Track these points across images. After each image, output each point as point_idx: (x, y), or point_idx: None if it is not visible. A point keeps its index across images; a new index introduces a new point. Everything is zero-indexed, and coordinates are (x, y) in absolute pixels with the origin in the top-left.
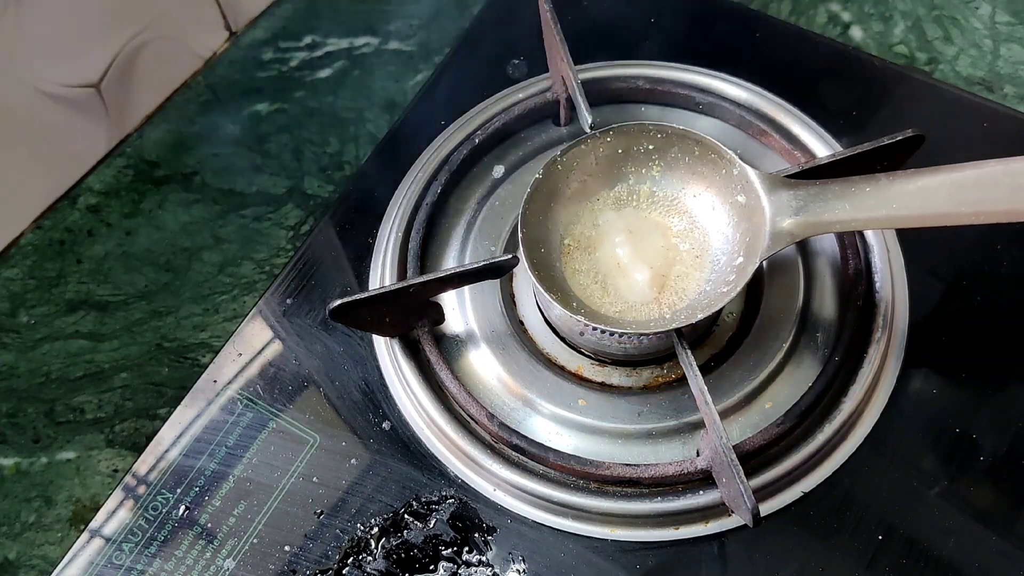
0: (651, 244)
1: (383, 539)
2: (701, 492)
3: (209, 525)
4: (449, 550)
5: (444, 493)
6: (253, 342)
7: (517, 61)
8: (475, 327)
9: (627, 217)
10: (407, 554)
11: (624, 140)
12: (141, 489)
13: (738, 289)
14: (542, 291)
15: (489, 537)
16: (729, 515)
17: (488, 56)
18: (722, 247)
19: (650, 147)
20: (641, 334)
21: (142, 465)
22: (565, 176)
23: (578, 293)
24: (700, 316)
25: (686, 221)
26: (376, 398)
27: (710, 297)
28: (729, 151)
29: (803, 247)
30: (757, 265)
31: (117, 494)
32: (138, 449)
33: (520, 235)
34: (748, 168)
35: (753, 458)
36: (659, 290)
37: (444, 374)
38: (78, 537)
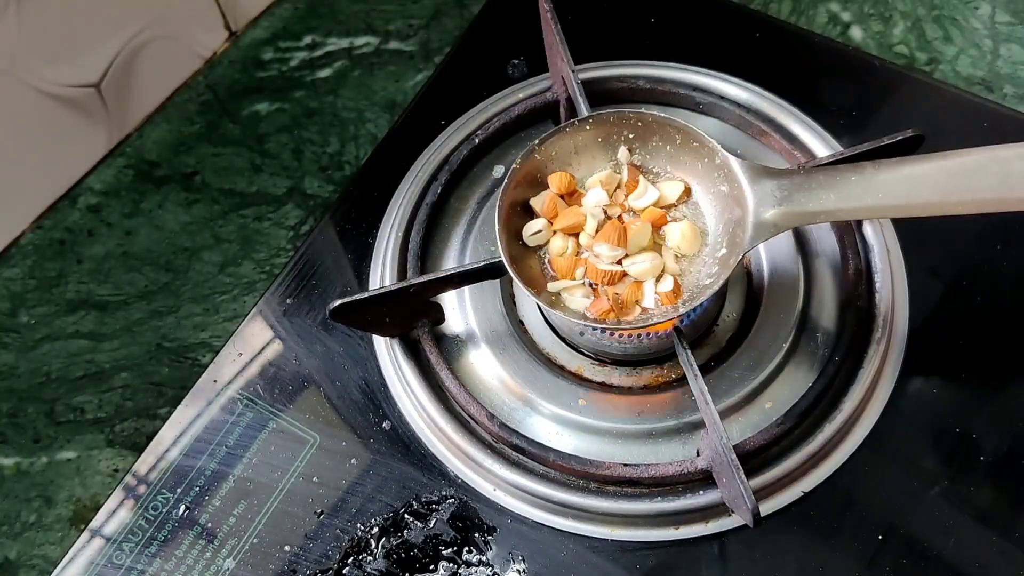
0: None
1: (383, 539)
2: (701, 492)
3: (209, 525)
4: (449, 550)
5: (444, 493)
6: (253, 342)
7: (517, 61)
8: (475, 327)
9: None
10: (407, 554)
11: (603, 128)
12: (141, 489)
13: (721, 281)
14: (520, 284)
15: (489, 537)
16: (729, 515)
17: (488, 56)
18: (705, 240)
19: (630, 135)
20: (621, 329)
21: (142, 465)
22: (544, 166)
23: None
24: (683, 309)
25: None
26: (376, 398)
27: (693, 290)
28: (711, 139)
29: (803, 247)
30: (740, 257)
31: (117, 494)
32: (138, 449)
33: (497, 228)
34: (730, 157)
35: (753, 458)
36: None
37: (444, 374)
38: (78, 537)
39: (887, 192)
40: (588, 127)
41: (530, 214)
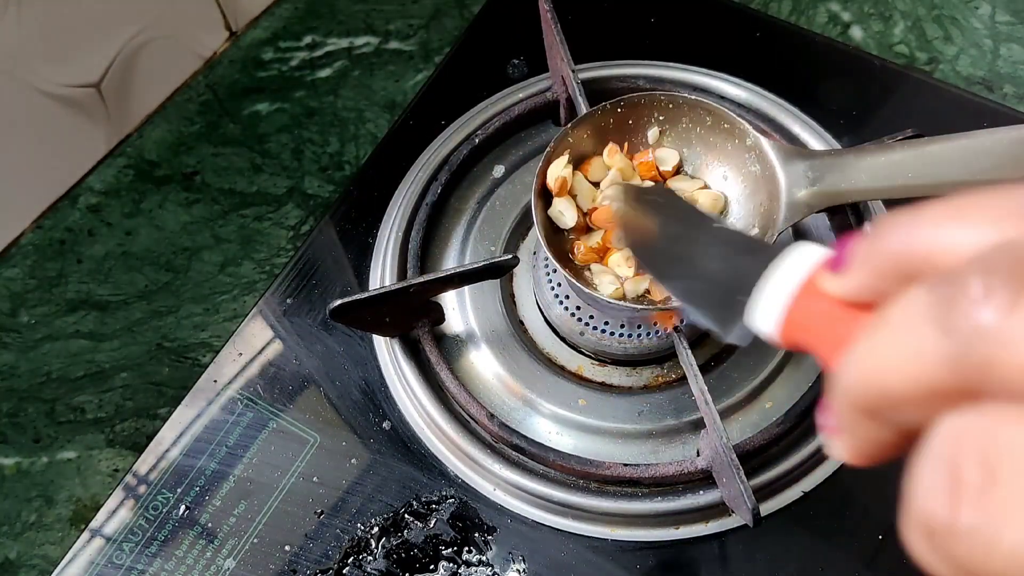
0: None
1: (383, 539)
2: (701, 492)
3: (209, 525)
4: (449, 550)
5: (444, 493)
6: (253, 342)
7: (517, 61)
8: (475, 327)
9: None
10: (407, 554)
11: (634, 111)
12: (141, 489)
13: None
14: (559, 269)
15: (489, 537)
16: (729, 515)
17: (488, 56)
18: (736, 217)
19: (660, 117)
20: (660, 308)
21: (142, 465)
22: (576, 148)
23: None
24: None
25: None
26: (376, 398)
27: None
28: (742, 120)
29: None
30: (775, 239)
31: (117, 494)
32: (138, 449)
33: (534, 210)
34: (762, 138)
35: (753, 458)
36: None
37: (444, 374)
38: (79, 537)
39: (915, 172)
40: (619, 110)
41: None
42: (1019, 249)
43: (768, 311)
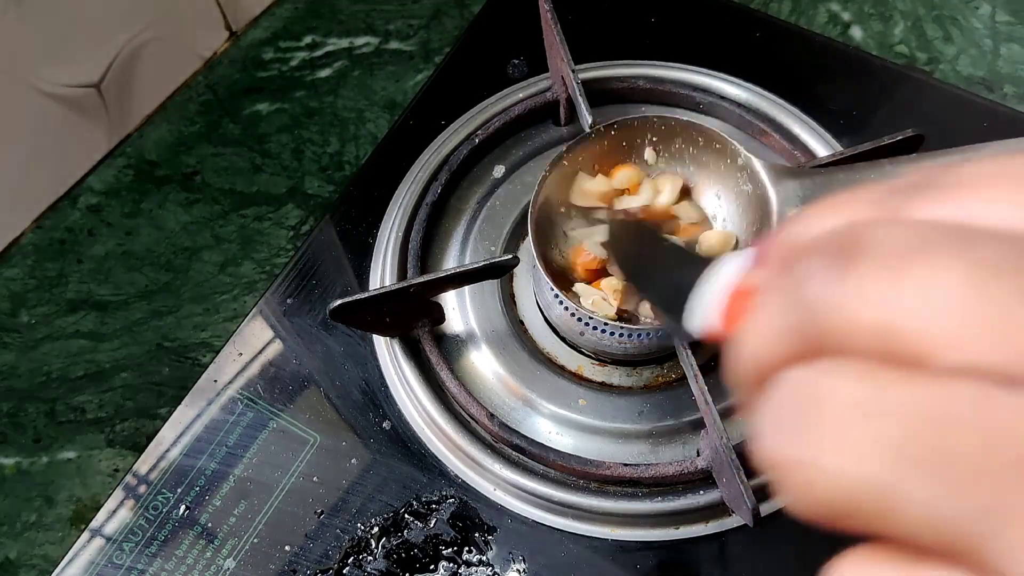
0: None
1: (383, 539)
2: (701, 492)
3: (209, 525)
4: (449, 550)
5: (444, 493)
6: (253, 342)
7: (517, 61)
8: (475, 327)
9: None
10: (407, 554)
11: (628, 133)
12: (142, 489)
13: None
14: (556, 289)
15: (489, 537)
16: (729, 515)
17: (488, 56)
18: None
19: (654, 139)
20: (648, 331)
21: (142, 465)
22: (572, 172)
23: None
24: None
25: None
26: (376, 398)
27: None
28: (733, 141)
29: None
30: None
31: (118, 494)
32: (138, 449)
33: (531, 233)
34: (753, 158)
35: None
36: None
37: (444, 374)
38: (79, 536)
39: None
40: (613, 132)
41: (559, 217)
42: (851, 229)
43: (702, 310)
